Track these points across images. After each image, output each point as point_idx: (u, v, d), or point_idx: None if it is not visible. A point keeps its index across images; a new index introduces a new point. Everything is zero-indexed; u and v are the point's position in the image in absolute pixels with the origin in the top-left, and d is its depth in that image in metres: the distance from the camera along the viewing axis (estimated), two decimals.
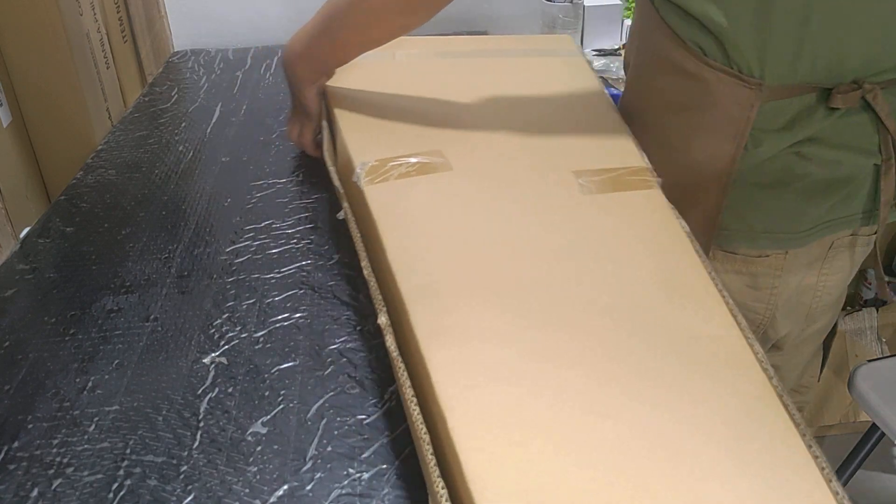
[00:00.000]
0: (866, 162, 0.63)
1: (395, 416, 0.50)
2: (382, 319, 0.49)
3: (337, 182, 0.65)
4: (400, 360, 0.46)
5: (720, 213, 0.64)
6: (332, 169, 0.67)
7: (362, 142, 0.64)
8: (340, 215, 0.62)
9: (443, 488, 0.37)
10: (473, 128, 0.67)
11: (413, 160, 0.61)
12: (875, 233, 0.68)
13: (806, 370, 0.82)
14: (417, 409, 0.42)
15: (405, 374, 0.45)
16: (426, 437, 0.41)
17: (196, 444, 0.49)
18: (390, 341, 0.47)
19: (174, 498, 0.45)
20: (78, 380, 0.54)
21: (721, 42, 0.59)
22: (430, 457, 0.39)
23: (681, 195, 0.60)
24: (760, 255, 0.67)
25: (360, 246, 0.57)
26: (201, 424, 0.50)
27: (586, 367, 0.43)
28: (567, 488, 0.36)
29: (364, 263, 0.55)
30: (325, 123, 0.73)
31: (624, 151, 0.63)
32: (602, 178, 0.59)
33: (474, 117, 0.69)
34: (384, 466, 0.47)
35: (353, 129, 0.66)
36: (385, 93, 0.73)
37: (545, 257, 0.52)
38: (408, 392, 0.43)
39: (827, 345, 0.81)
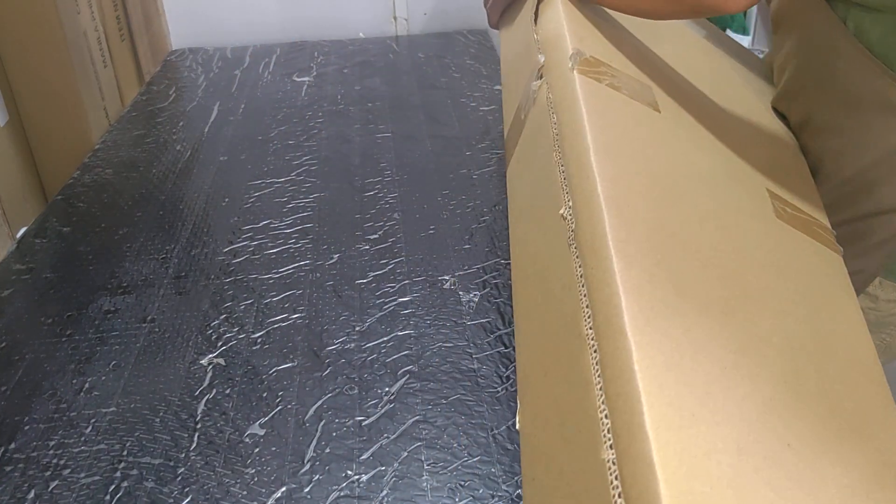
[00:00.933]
0: None
1: (394, 418, 0.50)
2: (565, 213, 0.44)
3: (540, 56, 0.58)
4: (579, 262, 0.41)
5: None
6: (536, 37, 0.61)
7: (580, 33, 0.57)
8: (535, 84, 0.56)
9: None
10: (683, 91, 0.61)
11: (627, 79, 0.55)
12: None
13: None
14: (589, 316, 0.37)
15: (582, 279, 0.40)
16: (593, 354, 0.36)
17: (193, 445, 0.48)
18: (571, 238, 0.42)
19: (171, 500, 0.45)
20: (75, 381, 0.54)
21: None
22: (594, 368, 0.35)
23: (859, 230, 0.58)
24: None
25: (550, 129, 0.50)
26: (199, 426, 0.50)
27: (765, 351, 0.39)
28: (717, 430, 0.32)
29: (555, 147, 0.49)
30: None
31: (813, 204, 0.58)
32: (794, 214, 0.54)
33: (685, 82, 0.63)
34: (383, 468, 0.46)
35: (572, 18, 0.59)
36: (615, 16, 0.66)
37: (738, 245, 0.47)
38: (581, 298, 0.39)
39: None
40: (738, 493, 0.31)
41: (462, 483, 0.46)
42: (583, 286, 0.39)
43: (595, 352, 0.35)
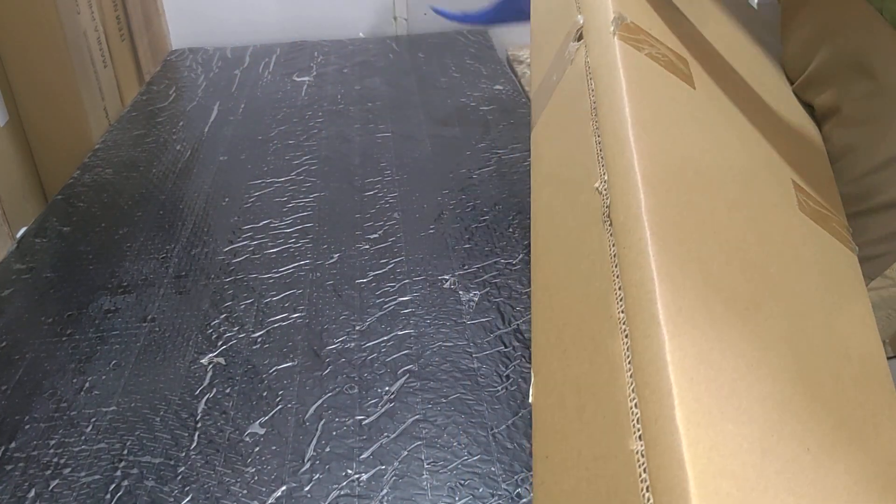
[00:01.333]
0: None
1: (394, 417, 0.50)
2: (600, 186, 0.42)
3: (579, 16, 0.55)
4: (613, 240, 0.39)
5: None
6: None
7: None
8: (574, 46, 0.54)
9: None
10: (719, 72, 0.59)
11: (666, 50, 0.53)
12: None
13: None
14: (621, 299, 0.36)
15: (615, 259, 0.38)
16: (624, 339, 0.35)
17: (194, 444, 0.48)
18: (605, 214, 0.41)
19: (172, 499, 0.45)
20: (75, 380, 0.54)
21: None
22: (625, 354, 0.34)
23: (883, 221, 0.58)
24: None
25: (588, 96, 0.48)
26: (199, 425, 0.50)
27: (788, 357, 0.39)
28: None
29: (591, 116, 0.47)
30: None
31: (832, 199, 0.57)
32: (817, 209, 0.53)
33: (724, 64, 0.62)
34: (383, 467, 0.47)
35: None
36: None
37: (763, 237, 0.46)
38: (614, 279, 0.37)
39: None
40: (762, 496, 0.30)
41: (462, 482, 0.46)
42: (615, 266, 0.37)
43: (626, 336, 0.34)
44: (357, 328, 0.58)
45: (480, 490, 0.45)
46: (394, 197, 0.77)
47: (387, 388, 0.53)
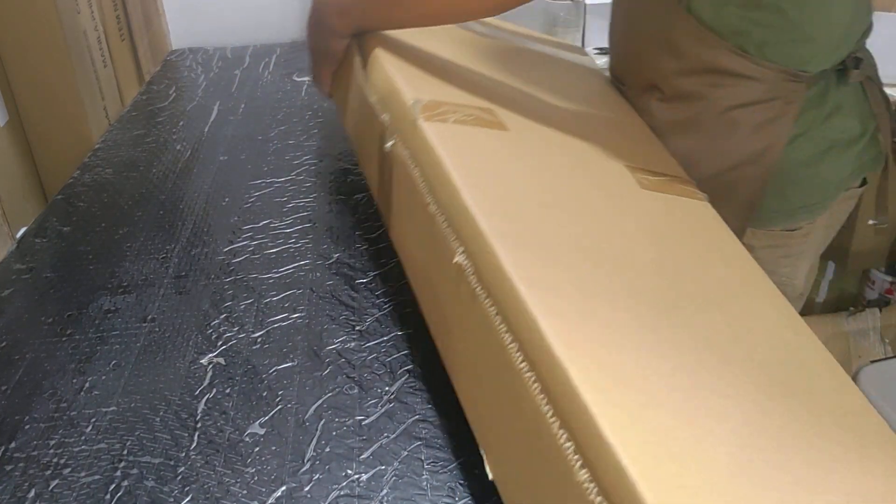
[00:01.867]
0: (869, 123, 0.69)
1: (394, 417, 0.50)
2: (461, 259, 0.44)
3: (383, 116, 0.59)
4: (490, 301, 0.41)
5: (761, 198, 0.66)
6: (371, 100, 0.62)
7: (411, 80, 0.59)
8: (389, 146, 0.57)
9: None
10: (520, 102, 0.63)
11: (469, 110, 0.57)
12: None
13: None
14: (518, 350, 0.37)
15: (498, 316, 0.40)
16: (534, 385, 0.36)
17: (193, 445, 0.48)
18: (474, 282, 0.42)
19: (172, 499, 0.45)
20: (75, 380, 0.54)
21: (778, 40, 0.60)
22: (540, 398, 0.35)
23: (717, 188, 0.61)
24: (795, 227, 0.70)
25: (420, 181, 0.51)
26: (199, 425, 0.50)
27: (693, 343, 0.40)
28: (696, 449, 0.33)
29: (429, 200, 0.49)
30: (356, 58, 0.67)
31: (666, 161, 0.62)
32: (657, 179, 0.57)
33: (519, 93, 0.66)
34: (383, 468, 0.47)
35: (398, 68, 0.61)
36: (426, 45, 0.68)
37: (621, 230, 0.49)
38: (504, 335, 0.39)
39: None
40: (701, 459, 0.32)
41: (462, 482, 0.46)
42: (501, 324, 0.39)
43: (535, 381, 0.36)
44: (357, 328, 0.58)
45: (480, 490, 0.45)
46: None
47: (386, 388, 0.53)
